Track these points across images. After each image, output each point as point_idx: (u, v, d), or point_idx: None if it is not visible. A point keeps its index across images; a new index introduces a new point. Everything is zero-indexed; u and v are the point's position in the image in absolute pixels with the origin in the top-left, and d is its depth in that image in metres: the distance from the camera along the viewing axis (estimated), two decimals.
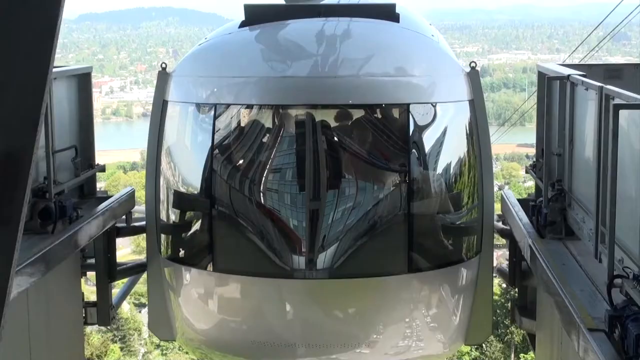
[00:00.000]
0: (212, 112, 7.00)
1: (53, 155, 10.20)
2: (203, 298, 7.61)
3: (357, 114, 7.04)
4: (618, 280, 7.03)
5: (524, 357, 68.03)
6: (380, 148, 7.29)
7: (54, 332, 10.51)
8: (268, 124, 7.00)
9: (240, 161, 7.16)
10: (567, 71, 10.33)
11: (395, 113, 7.08)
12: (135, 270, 13.10)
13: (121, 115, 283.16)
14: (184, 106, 7.51)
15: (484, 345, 74.57)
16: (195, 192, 7.40)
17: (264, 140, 6.99)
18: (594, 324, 7.27)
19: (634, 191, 6.89)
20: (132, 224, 12.96)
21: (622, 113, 7.05)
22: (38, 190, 9.86)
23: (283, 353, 7.16)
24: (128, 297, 13.28)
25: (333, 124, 6.97)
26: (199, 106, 7.26)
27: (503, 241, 12.55)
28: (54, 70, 11.02)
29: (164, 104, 7.81)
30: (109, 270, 11.93)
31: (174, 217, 7.99)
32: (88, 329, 50.77)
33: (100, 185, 13.06)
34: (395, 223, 7.24)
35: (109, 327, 70.54)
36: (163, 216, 8.20)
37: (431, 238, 7.50)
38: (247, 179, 6.99)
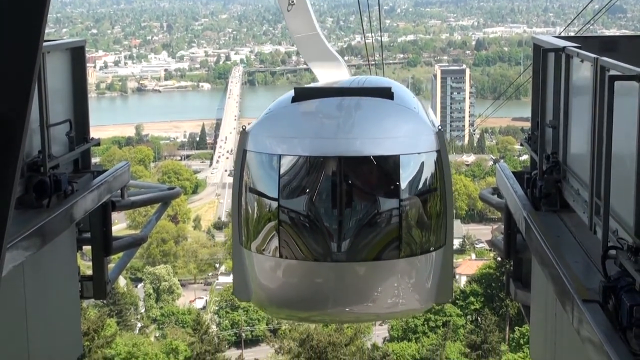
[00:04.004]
0: (278, 159, 10.95)
1: (47, 129, 10.12)
2: (270, 273, 11.46)
3: (367, 160, 10.98)
4: (612, 252, 7.02)
5: (518, 329, 68.45)
6: (381, 181, 11.23)
7: (51, 306, 10.50)
8: (312, 166, 10.99)
9: (296, 188, 10.99)
10: (562, 43, 10.29)
11: (390, 160, 10.97)
12: (131, 244, 13.07)
13: (116, 90, 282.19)
14: (258, 154, 11.29)
15: (479, 318, 74.98)
16: (266, 208, 11.19)
17: (310, 175, 11.00)
18: (588, 295, 7.28)
19: (628, 163, 6.87)
20: (127, 198, 12.93)
21: (618, 84, 7.03)
22: (32, 165, 9.77)
23: (319, 306, 11.50)
24: (124, 271, 13.31)
25: (352, 166, 10.90)
26: (268, 155, 11.16)
27: (498, 214, 12.71)
28: (48, 43, 10.94)
29: (244, 152, 11.42)
30: (104, 245, 11.92)
31: (252, 222, 11.45)
32: (84, 304, 50.83)
33: (95, 160, 13.01)
34: (391, 227, 10.94)
35: (105, 301, 70.79)
36: (243, 221, 11.50)
37: (415, 237, 11.18)
38: (300, 200, 10.91)
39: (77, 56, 11.78)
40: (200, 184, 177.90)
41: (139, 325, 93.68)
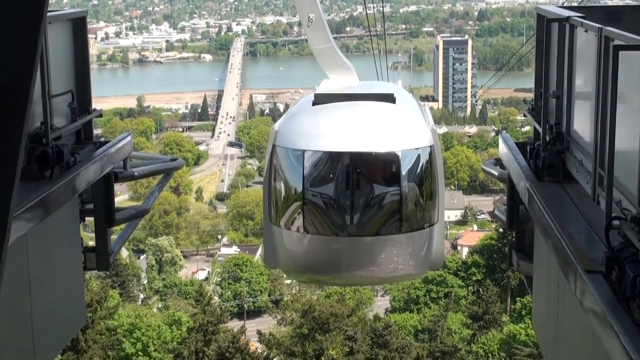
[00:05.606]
0: (302, 153, 13.18)
1: (49, 100, 10.07)
2: (295, 244, 13.76)
3: (373, 155, 13.24)
4: (616, 222, 7.00)
5: (520, 300, 68.66)
6: (385, 172, 13.40)
7: (54, 277, 10.51)
8: (330, 160, 13.27)
9: (317, 176, 13.29)
10: (566, 13, 10.23)
11: (392, 155, 13.16)
12: (133, 216, 13.08)
13: (117, 62, 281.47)
14: (285, 149, 13.48)
15: (480, 289, 75.16)
16: (292, 192, 13.46)
17: (328, 167, 13.32)
18: (591, 266, 7.26)
19: (632, 133, 6.84)
20: (130, 169, 12.91)
21: (622, 54, 6.98)
22: (35, 136, 9.70)
23: (334, 271, 13.99)
24: (126, 243, 13.39)
25: (361, 160, 13.12)
26: (294, 150, 13.33)
27: (500, 185, 12.76)
28: (49, 14, 10.87)
29: (274, 146, 13.63)
30: (107, 216, 11.93)
31: (279, 203, 13.75)
32: (87, 275, 50.91)
33: (96, 132, 12.97)
34: (393, 208, 13.15)
35: (107, 273, 70.98)
36: (273, 202, 13.77)
37: (413, 216, 13.39)
38: (320, 184, 13.26)
39: (78, 27, 11.69)
40: (202, 155, 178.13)
41: (142, 296, 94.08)
